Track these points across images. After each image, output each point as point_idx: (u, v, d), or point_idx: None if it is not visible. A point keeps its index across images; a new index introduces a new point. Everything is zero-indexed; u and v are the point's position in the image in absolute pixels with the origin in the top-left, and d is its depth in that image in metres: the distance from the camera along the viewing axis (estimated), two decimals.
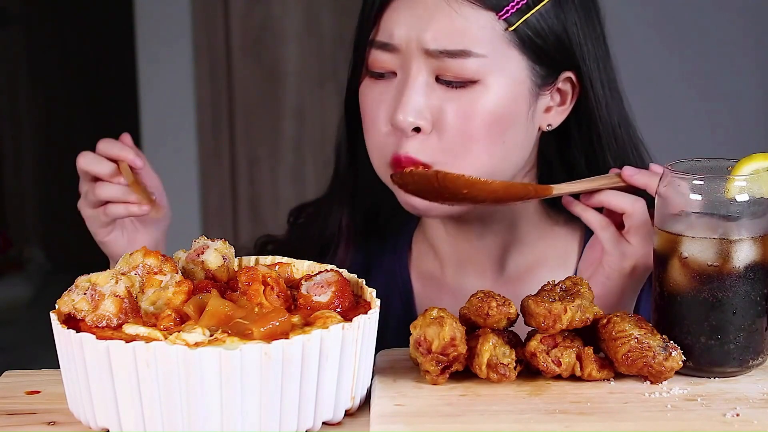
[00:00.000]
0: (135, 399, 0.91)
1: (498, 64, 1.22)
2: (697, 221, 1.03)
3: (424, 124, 1.23)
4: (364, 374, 1.00)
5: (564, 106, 1.30)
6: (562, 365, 1.01)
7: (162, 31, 3.58)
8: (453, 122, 1.23)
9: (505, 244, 1.36)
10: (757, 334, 1.04)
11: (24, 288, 4.49)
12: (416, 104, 1.22)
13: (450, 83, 1.23)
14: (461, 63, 1.21)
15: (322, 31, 3.64)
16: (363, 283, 1.06)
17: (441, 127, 1.23)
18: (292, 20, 3.63)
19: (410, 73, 1.23)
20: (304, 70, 3.65)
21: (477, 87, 1.22)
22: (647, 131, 1.39)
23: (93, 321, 0.95)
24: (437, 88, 1.23)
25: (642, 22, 3.27)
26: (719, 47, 3.28)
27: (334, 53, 3.65)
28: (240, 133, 3.70)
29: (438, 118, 1.23)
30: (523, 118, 1.26)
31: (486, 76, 1.22)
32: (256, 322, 0.94)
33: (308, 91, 3.67)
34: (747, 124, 3.32)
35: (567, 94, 1.30)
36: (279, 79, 3.66)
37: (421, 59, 1.23)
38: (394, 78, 1.26)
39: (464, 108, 1.22)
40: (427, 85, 1.23)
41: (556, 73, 1.28)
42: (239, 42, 3.64)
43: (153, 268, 1.01)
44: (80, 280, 0.98)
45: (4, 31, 4.66)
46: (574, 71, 1.28)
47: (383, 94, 1.26)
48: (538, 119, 1.29)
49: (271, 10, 3.62)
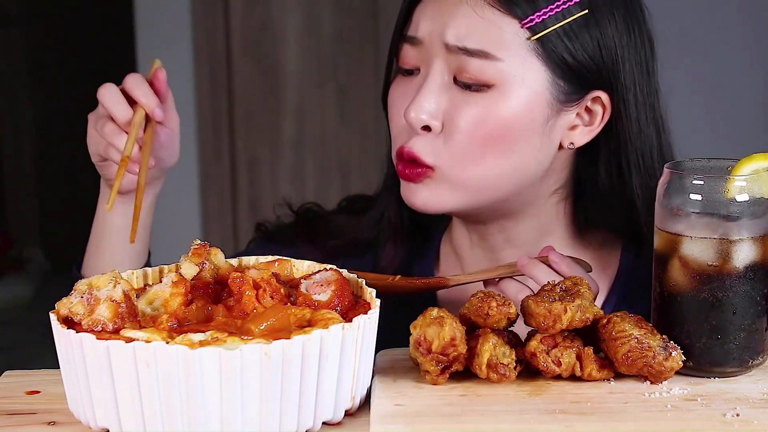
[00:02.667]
0: (135, 399, 0.91)
1: (517, 72, 1.21)
2: (697, 221, 1.03)
3: (434, 123, 1.22)
4: (364, 374, 1.00)
5: (591, 126, 1.27)
6: (562, 365, 1.01)
7: (162, 31, 3.58)
8: (463, 126, 1.22)
9: (528, 253, 1.32)
10: (757, 334, 1.04)
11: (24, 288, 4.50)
12: (429, 102, 1.22)
13: (466, 86, 1.21)
14: (479, 64, 1.20)
15: (322, 31, 3.64)
16: (363, 283, 1.06)
17: (450, 129, 1.22)
18: (292, 20, 3.63)
19: (430, 70, 1.23)
20: (304, 70, 3.66)
21: (493, 92, 1.21)
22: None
23: (88, 325, 0.95)
24: (453, 89, 1.22)
25: None
26: (719, 47, 3.28)
27: (334, 53, 3.65)
28: (240, 133, 3.70)
29: (449, 119, 1.22)
30: (537, 130, 1.23)
31: (503, 82, 1.20)
32: (253, 320, 0.94)
33: (308, 91, 3.67)
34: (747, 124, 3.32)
35: (596, 115, 1.26)
36: (279, 79, 3.66)
37: (442, 55, 1.22)
38: (417, 74, 1.26)
39: (477, 112, 1.21)
40: (443, 85, 1.23)
41: (583, 91, 1.24)
42: (239, 42, 3.64)
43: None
44: (80, 284, 0.98)
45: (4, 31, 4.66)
46: (607, 91, 1.25)
47: (406, 89, 1.26)
48: (557, 135, 1.26)
49: (271, 10, 3.63)
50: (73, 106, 4.72)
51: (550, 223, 1.34)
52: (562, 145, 1.27)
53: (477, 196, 1.26)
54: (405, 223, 1.38)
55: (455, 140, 1.22)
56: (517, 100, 1.21)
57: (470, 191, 1.25)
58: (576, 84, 1.24)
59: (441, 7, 1.23)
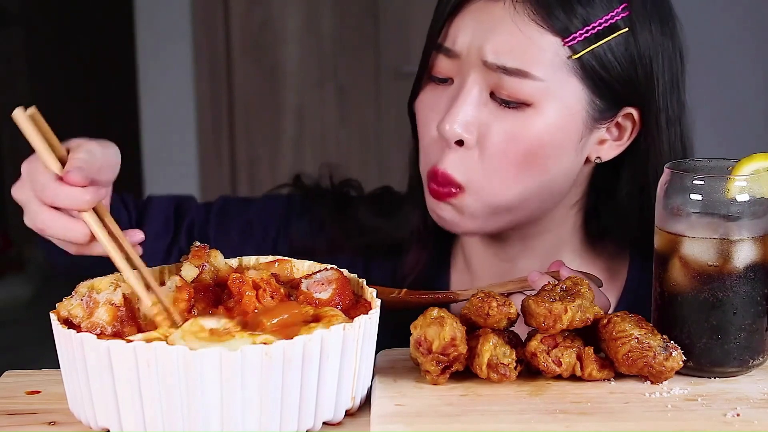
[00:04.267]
0: (135, 399, 0.90)
1: (555, 91, 1.18)
2: (698, 221, 1.03)
3: (469, 137, 1.19)
4: (365, 374, 1.00)
5: (620, 141, 1.25)
6: (563, 365, 1.01)
7: (162, 31, 3.58)
8: (498, 142, 1.19)
9: (542, 264, 1.31)
10: (757, 334, 1.04)
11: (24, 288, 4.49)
12: (465, 116, 1.19)
13: (503, 102, 1.19)
14: (518, 83, 1.17)
15: (322, 31, 3.64)
16: (363, 283, 1.06)
17: (484, 145, 1.19)
18: (292, 20, 3.63)
19: (465, 84, 1.20)
20: (304, 70, 3.66)
21: (529, 110, 1.18)
22: None
23: (87, 328, 0.95)
24: (490, 104, 1.19)
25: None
26: (719, 47, 3.28)
27: (334, 53, 3.65)
28: (240, 133, 3.70)
29: (484, 135, 1.19)
30: (571, 148, 1.21)
31: (541, 100, 1.18)
32: (266, 314, 0.95)
33: (308, 91, 3.67)
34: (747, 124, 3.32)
35: (625, 131, 1.25)
36: (279, 79, 3.66)
37: (479, 71, 1.19)
38: (450, 84, 1.23)
39: (513, 130, 1.18)
40: (479, 99, 1.19)
41: (617, 108, 1.23)
42: (239, 42, 3.65)
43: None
44: (80, 286, 0.98)
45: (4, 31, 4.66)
46: (638, 108, 1.23)
47: (439, 100, 1.23)
48: (587, 150, 1.24)
49: (271, 10, 3.63)
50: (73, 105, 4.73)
51: (566, 234, 1.32)
52: (588, 159, 1.26)
53: (504, 217, 1.24)
54: (430, 229, 1.34)
55: (488, 156, 1.19)
56: (554, 118, 1.19)
57: (498, 213, 1.23)
58: (611, 101, 1.21)
59: (481, 20, 1.19)
